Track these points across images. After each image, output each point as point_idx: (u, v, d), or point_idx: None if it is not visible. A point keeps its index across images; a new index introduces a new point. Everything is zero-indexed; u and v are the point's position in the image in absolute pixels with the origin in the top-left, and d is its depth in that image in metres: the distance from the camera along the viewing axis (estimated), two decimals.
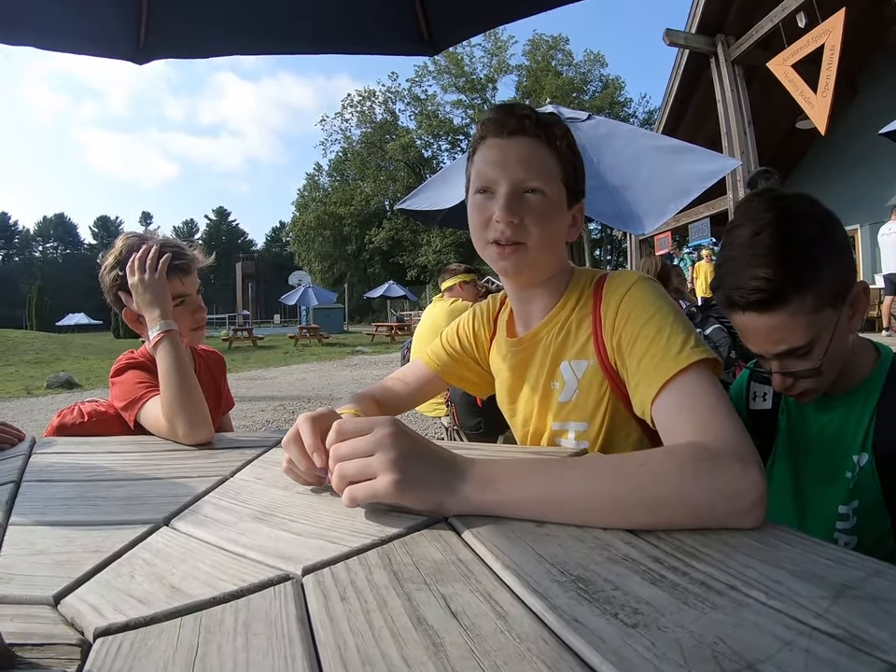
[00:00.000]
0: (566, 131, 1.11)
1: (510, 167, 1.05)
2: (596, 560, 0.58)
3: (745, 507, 0.65)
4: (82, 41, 1.79)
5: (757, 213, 1.04)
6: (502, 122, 1.07)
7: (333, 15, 1.87)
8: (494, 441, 3.08)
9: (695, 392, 0.84)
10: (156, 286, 1.42)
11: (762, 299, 0.99)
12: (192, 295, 1.60)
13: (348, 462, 0.72)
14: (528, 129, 1.06)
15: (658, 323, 0.96)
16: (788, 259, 0.98)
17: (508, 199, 1.03)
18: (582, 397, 1.13)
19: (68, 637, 0.49)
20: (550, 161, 1.07)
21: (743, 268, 1.01)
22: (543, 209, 1.05)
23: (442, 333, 1.42)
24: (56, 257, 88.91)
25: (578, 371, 1.13)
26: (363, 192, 51.49)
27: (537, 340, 1.19)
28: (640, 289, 1.04)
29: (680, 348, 0.89)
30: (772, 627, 0.45)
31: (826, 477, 1.13)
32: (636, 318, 1.00)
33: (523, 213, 1.04)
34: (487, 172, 1.07)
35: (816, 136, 10.68)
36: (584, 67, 48.57)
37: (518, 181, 1.04)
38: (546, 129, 1.07)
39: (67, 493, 0.92)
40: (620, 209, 3.54)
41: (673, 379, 0.87)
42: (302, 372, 11.79)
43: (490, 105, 13.01)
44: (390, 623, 0.48)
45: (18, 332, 21.48)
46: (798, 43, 8.11)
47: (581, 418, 1.14)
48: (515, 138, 1.06)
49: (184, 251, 1.59)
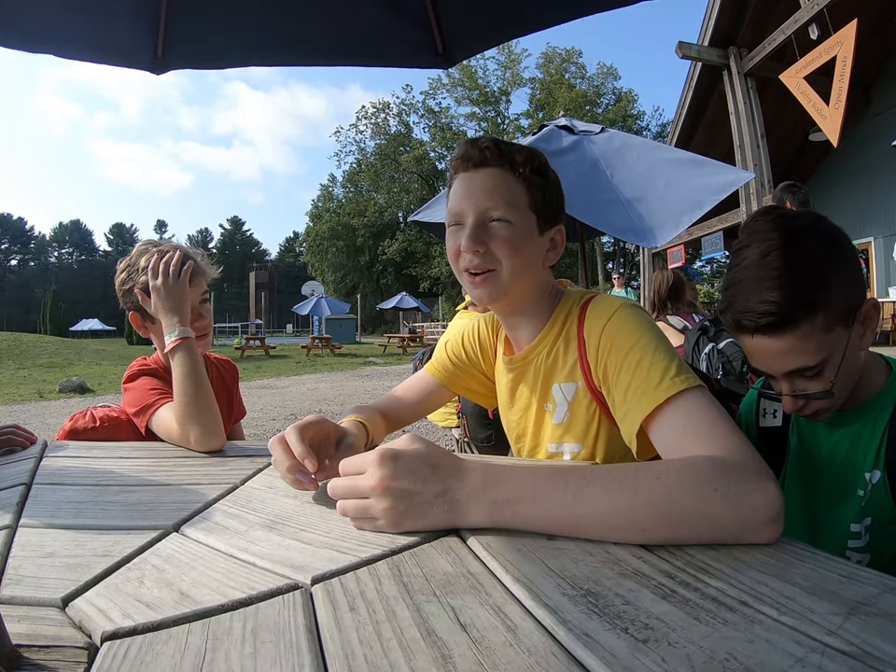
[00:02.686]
0: (529, 156, 1.11)
1: (474, 198, 1.07)
2: (607, 575, 0.58)
3: (764, 522, 0.65)
4: (101, 51, 1.82)
5: (763, 233, 1.02)
6: (466, 156, 1.10)
7: (349, 28, 1.89)
8: (505, 453, 3.06)
9: (695, 412, 0.84)
10: (176, 292, 1.43)
11: (771, 322, 0.97)
12: (193, 303, 1.58)
13: (348, 502, 0.73)
14: (491, 160, 1.08)
15: (640, 353, 0.95)
16: (796, 280, 0.96)
17: (472, 229, 1.06)
18: (574, 419, 1.15)
19: (75, 640, 0.49)
20: (515, 189, 1.09)
21: (751, 291, 1.00)
22: (510, 237, 1.07)
23: (447, 344, 1.42)
24: (71, 262, 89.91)
25: (568, 393, 1.15)
26: (377, 204, 51.86)
27: (527, 362, 1.20)
28: (623, 316, 1.04)
29: (660, 380, 0.89)
30: (784, 644, 0.44)
31: (838, 495, 1.11)
32: (619, 347, 1.00)
33: (489, 241, 1.06)
34: (457, 205, 1.10)
35: (829, 148, 10.62)
36: (597, 80, 48.77)
37: (483, 210, 1.07)
38: (507, 157, 1.09)
39: (78, 497, 0.92)
40: (633, 222, 3.53)
41: (661, 408, 0.86)
42: (314, 383, 11.81)
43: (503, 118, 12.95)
44: (399, 635, 0.48)
45: (32, 336, 21.66)
46: (810, 55, 8.08)
47: (574, 440, 1.16)
48: (480, 170, 1.09)
49: (194, 260, 1.58)
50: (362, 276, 55.01)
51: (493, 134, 11.50)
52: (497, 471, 0.72)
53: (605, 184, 3.77)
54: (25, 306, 75.04)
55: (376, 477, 0.69)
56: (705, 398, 0.85)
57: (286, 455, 0.88)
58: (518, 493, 0.69)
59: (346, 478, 0.74)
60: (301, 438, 0.89)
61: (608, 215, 3.57)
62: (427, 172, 50.44)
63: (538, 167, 1.12)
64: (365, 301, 48.35)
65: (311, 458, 0.86)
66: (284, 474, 0.89)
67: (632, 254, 36.75)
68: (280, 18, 1.82)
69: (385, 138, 52.31)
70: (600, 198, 3.67)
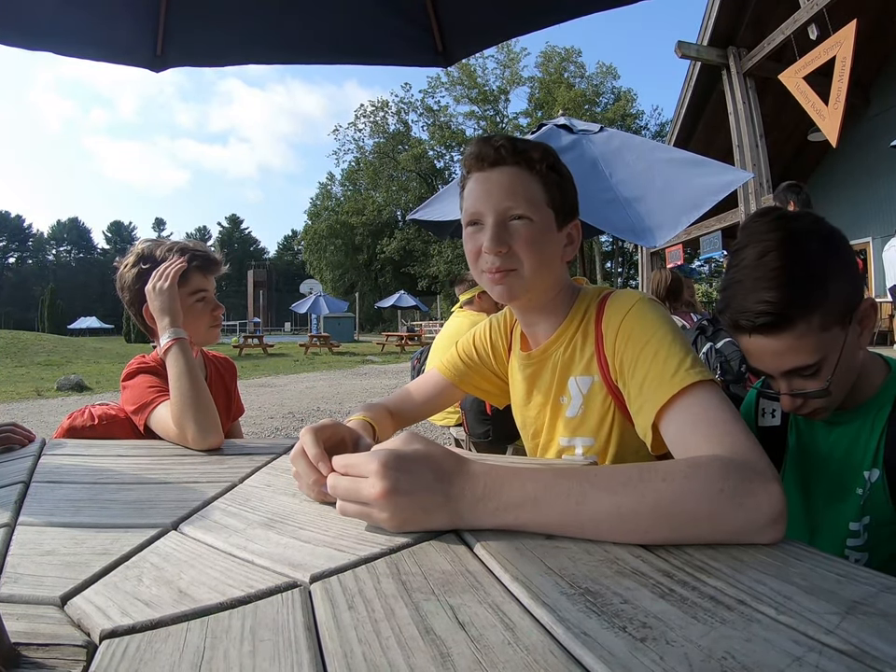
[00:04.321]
0: (544, 153, 1.11)
1: (493, 198, 1.07)
2: (606, 573, 0.58)
3: (767, 522, 0.65)
4: (101, 48, 1.82)
5: (761, 234, 1.03)
6: (481, 156, 1.09)
7: (349, 26, 1.89)
8: (503, 450, 3.06)
9: (706, 408, 0.84)
10: (166, 294, 1.46)
11: (768, 322, 0.98)
12: (211, 293, 1.66)
13: (350, 505, 0.72)
14: (506, 158, 1.08)
15: (656, 345, 0.96)
16: (793, 281, 0.97)
17: (494, 230, 1.06)
18: (588, 412, 1.15)
19: (74, 639, 0.49)
20: (532, 187, 1.08)
21: (748, 291, 1.00)
22: (531, 235, 1.07)
23: (458, 343, 1.43)
24: (69, 260, 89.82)
25: (583, 387, 1.15)
26: (375, 202, 51.87)
27: (546, 356, 1.21)
28: (640, 311, 1.05)
29: (675, 371, 0.89)
30: (782, 643, 0.45)
31: (836, 494, 1.11)
32: (636, 340, 1.01)
33: (511, 241, 1.06)
34: (474, 205, 1.10)
35: (828, 148, 10.65)
36: (597, 79, 48.78)
37: (503, 210, 1.06)
38: (523, 155, 1.08)
39: (76, 495, 0.92)
40: (632, 222, 3.53)
41: (675, 400, 0.87)
42: (312, 381, 11.80)
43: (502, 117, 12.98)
44: (398, 633, 0.48)
45: (30, 334, 21.61)
46: (810, 55, 8.08)
47: (587, 433, 1.16)
48: (496, 169, 1.08)
49: (207, 252, 1.66)
50: (360, 275, 55.01)
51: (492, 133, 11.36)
52: (500, 476, 0.71)
53: (604, 183, 3.78)
54: (23, 304, 74.97)
55: (378, 487, 0.67)
56: (717, 393, 0.86)
57: (309, 469, 0.85)
58: (521, 498, 0.68)
59: (348, 479, 0.72)
60: (316, 440, 0.86)
61: (607, 214, 3.57)
62: (426, 170, 50.43)
63: (553, 163, 1.12)
64: (363, 300, 48.34)
65: (325, 462, 0.83)
66: (309, 487, 0.86)
67: (630, 253, 36.80)
68: (280, 15, 1.82)
69: (383, 137, 52.26)
70: (599, 197, 3.67)
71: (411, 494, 0.68)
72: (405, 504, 0.68)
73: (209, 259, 1.64)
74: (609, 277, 47.14)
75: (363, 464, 0.71)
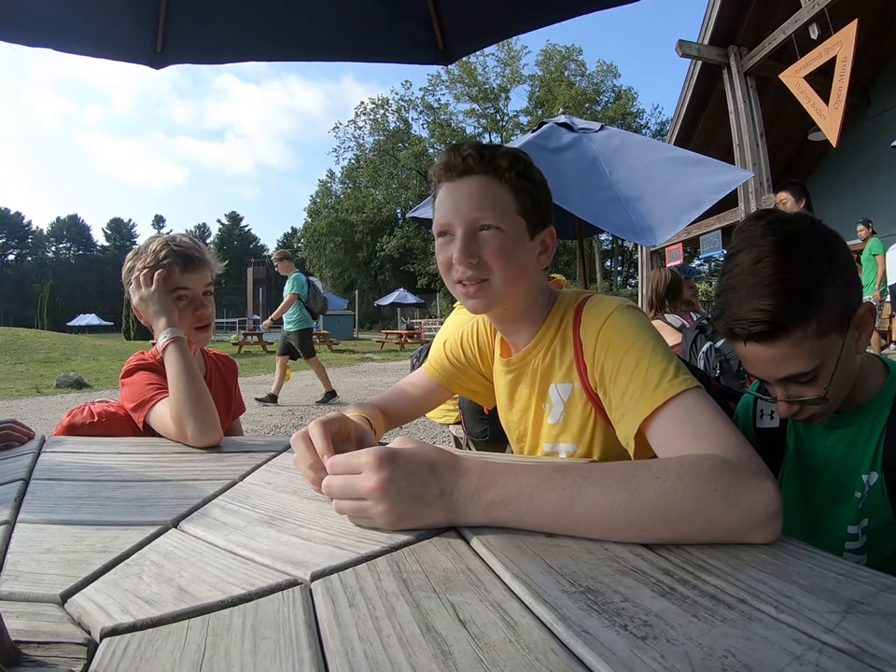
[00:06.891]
0: (513, 160, 1.08)
1: (462, 209, 1.05)
2: (606, 572, 0.58)
3: (762, 521, 0.65)
4: (101, 45, 1.82)
5: (756, 238, 1.01)
6: (449, 165, 1.08)
7: (349, 24, 1.89)
8: (503, 450, 3.06)
9: (694, 413, 0.83)
10: (154, 297, 1.47)
11: (763, 330, 0.97)
12: (195, 292, 1.59)
13: (345, 502, 0.73)
14: (474, 167, 1.06)
15: (636, 355, 0.95)
16: (788, 288, 0.95)
17: (463, 241, 1.04)
18: (569, 419, 1.15)
19: (75, 636, 0.49)
20: (502, 195, 1.07)
21: (743, 299, 0.99)
22: (501, 245, 1.05)
23: (445, 343, 1.42)
24: (69, 257, 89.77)
25: (564, 394, 1.15)
26: (375, 200, 51.87)
27: (525, 363, 1.21)
28: (618, 319, 1.04)
29: (658, 382, 0.89)
30: (782, 641, 0.45)
31: (835, 496, 1.11)
32: (616, 349, 0.99)
33: (480, 252, 1.05)
34: (444, 216, 1.08)
35: (828, 148, 10.61)
36: (597, 78, 48.86)
37: (472, 221, 1.05)
38: (492, 163, 1.06)
39: (76, 492, 0.92)
40: (632, 220, 3.53)
41: (659, 410, 0.86)
42: (311, 378, 11.78)
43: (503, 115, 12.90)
44: (398, 631, 0.48)
45: (29, 331, 21.55)
46: (810, 54, 8.07)
47: (569, 440, 1.16)
48: (465, 179, 1.07)
49: (184, 248, 1.58)
50: (360, 272, 55.02)
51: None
52: (494, 471, 0.72)
53: (604, 182, 3.77)
54: (23, 301, 74.94)
55: (373, 479, 0.68)
56: (703, 398, 0.85)
57: (309, 452, 0.87)
58: (515, 493, 0.69)
59: (342, 477, 0.73)
60: (324, 433, 0.87)
61: (606, 213, 3.57)
62: (426, 168, 49.94)
63: (523, 170, 1.09)
64: (363, 298, 48.31)
65: (331, 455, 0.82)
66: (305, 471, 0.88)
67: (630, 252, 36.77)
68: (281, 13, 1.82)
69: (383, 134, 52.24)
70: (599, 196, 3.67)
71: (406, 485, 0.69)
72: (402, 495, 0.69)
73: (186, 256, 1.57)
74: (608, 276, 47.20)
75: (356, 461, 0.72)
